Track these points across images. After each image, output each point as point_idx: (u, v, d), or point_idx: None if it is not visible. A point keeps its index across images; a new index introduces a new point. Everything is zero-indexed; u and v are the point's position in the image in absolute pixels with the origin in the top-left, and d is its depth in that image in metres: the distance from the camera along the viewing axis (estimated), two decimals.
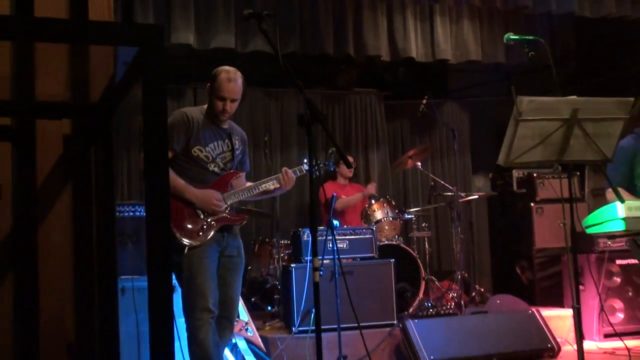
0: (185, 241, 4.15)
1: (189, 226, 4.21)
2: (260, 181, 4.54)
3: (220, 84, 4.29)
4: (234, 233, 4.46)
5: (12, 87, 2.71)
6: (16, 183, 2.65)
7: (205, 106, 4.45)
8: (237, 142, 4.51)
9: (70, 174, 2.74)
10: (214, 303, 4.14)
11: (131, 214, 5.23)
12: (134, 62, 2.07)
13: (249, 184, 4.60)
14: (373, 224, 7.00)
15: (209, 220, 4.26)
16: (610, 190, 4.96)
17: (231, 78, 4.29)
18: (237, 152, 4.51)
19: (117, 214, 5.08)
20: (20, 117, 2.68)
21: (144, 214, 5.42)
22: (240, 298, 4.56)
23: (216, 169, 4.38)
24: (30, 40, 2.61)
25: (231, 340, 4.61)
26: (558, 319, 6.56)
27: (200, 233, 4.21)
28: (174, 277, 4.31)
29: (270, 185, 4.52)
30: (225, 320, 4.34)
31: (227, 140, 4.45)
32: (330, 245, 5.82)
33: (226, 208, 4.34)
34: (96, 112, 2.63)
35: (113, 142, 2.67)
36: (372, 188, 7.54)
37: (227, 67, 4.36)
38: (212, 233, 4.24)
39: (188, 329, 4.14)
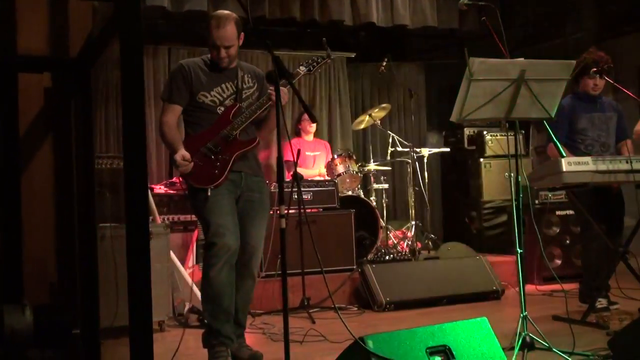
0: (206, 186, 3.83)
1: (204, 170, 3.87)
2: (259, 102, 3.99)
3: (211, 32, 3.89)
4: (253, 170, 4.07)
5: None
6: (0, 133, 2.61)
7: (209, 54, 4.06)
8: (248, 80, 4.13)
9: (51, 125, 2.70)
10: (236, 239, 3.84)
11: (110, 165, 5.12)
12: (111, 18, 2.04)
13: None
14: (335, 176, 7.01)
15: (220, 157, 3.89)
16: (551, 145, 5.02)
17: (220, 24, 3.87)
18: (251, 90, 4.11)
19: (96, 165, 5.00)
20: (3, 71, 2.63)
21: (122, 165, 5.35)
22: (262, 246, 4.11)
23: None
24: None
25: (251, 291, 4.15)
26: (502, 264, 6.67)
27: (216, 171, 3.86)
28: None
29: (263, 103, 3.96)
30: (243, 268, 3.98)
31: (235, 81, 4.05)
32: (296, 196, 5.84)
33: (234, 138, 3.91)
34: (75, 66, 2.58)
35: (92, 95, 2.64)
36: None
37: (218, 13, 3.97)
38: (228, 167, 3.87)
39: (203, 268, 3.88)
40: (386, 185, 7.75)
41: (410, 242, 7.14)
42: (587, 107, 5.26)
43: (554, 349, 3.75)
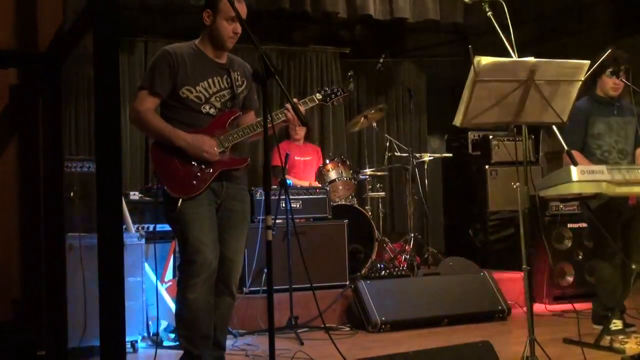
0: (178, 195, 3.77)
1: (182, 177, 3.80)
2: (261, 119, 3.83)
3: (230, 4, 3.69)
4: (236, 179, 4.02)
5: None
6: None
7: (197, 41, 3.98)
8: (238, 77, 4.06)
9: (17, 126, 2.70)
10: (215, 257, 3.81)
11: (79, 169, 5.11)
12: (84, 8, 2.04)
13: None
14: (327, 184, 7.02)
15: (203, 167, 3.83)
16: (575, 152, 5.05)
17: None
18: (240, 88, 4.06)
19: (65, 168, 4.98)
20: None
21: (93, 169, 5.33)
22: (241, 260, 4.13)
23: (211, 111, 3.92)
24: None
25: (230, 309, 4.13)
26: (509, 282, 6.69)
27: (194, 182, 3.80)
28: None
29: (275, 118, 3.84)
30: (222, 285, 3.95)
31: (225, 77, 3.99)
32: (284, 204, 5.84)
33: (223, 152, 3.88)
34: (44, 61, 2.58)
35: (62, 93, 2.63)
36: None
37: None
38: (208, 182, 3.83)
39: (178, 289, 3.84)
40: (383, 194, 7.78)
41: (408, 256, 7.16)
42: (604, 110, 5.28)
43: None
